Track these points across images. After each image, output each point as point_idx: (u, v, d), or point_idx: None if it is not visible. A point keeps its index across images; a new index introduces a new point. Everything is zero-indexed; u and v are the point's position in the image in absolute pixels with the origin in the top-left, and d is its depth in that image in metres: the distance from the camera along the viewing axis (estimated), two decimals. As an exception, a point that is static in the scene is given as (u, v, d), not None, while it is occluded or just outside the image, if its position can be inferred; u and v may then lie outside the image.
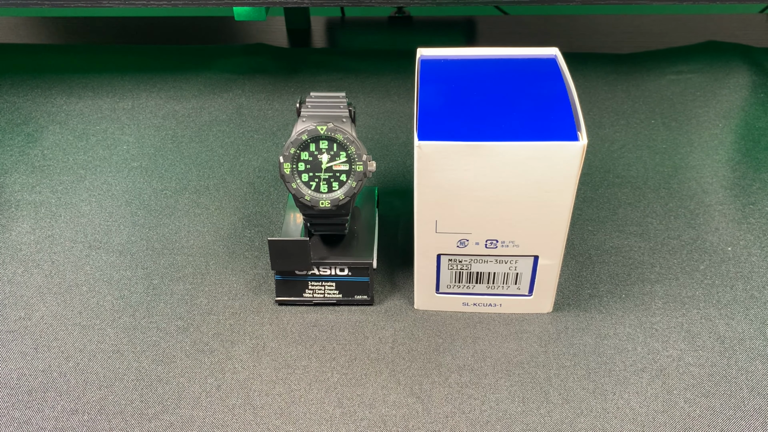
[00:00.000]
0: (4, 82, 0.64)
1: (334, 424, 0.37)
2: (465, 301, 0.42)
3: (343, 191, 0.39)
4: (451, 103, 0.37)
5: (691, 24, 0.75)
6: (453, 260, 0.40)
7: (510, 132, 0.35)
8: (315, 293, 0.42)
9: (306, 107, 0.39)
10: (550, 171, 0.35)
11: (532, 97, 0.37)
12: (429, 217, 0.38)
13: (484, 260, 0.40)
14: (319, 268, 0.42)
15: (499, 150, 0.35)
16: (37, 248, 0.47)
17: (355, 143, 0.38)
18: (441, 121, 0.36)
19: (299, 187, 0.39)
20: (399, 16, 0.79)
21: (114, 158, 0.55)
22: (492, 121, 0.36)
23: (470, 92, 0.38)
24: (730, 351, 0.40)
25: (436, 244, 0.39)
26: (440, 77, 0.39)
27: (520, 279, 0.41)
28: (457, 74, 0.39)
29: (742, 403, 0.37)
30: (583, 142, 0.34)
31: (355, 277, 0.42)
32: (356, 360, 0.40)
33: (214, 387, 0.39)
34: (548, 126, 0.35)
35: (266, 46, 0.69)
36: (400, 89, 0.63)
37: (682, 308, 0.42)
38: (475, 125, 0.35)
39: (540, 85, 0.38)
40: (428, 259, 0.40)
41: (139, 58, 0.68)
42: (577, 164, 0.35)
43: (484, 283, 0.41)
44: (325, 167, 0.39)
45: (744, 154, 0.54)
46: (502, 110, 0.36)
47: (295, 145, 0.38)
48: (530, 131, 0.35)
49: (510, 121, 0.35)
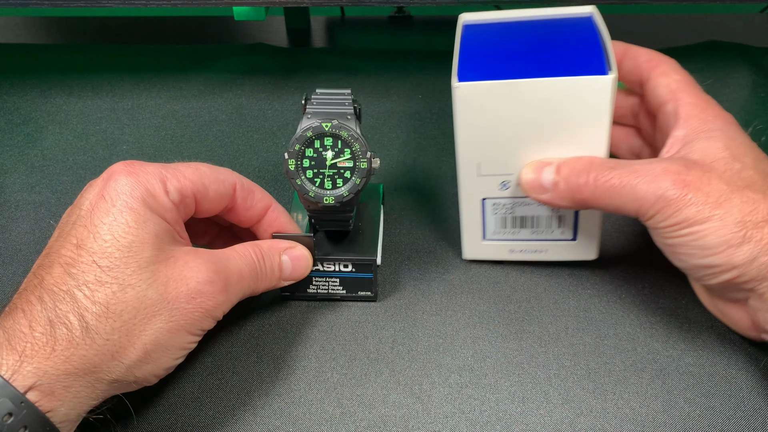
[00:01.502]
0: (4, 82, 0.64)
1: (334, 424, 0.37)
2: (512, 247, 0.44)
3: (347, 188, 0.39)
4: (488, 51, 0.39)
5: (691, 24, 0.75)
6: (497, 204, 0.42)
7: (542, 69, 0.37)
8: (319, 288, 0.43)
9: (311, 104, 0.39)
10: (583, 106, 0.37)
11: (565, 42, 0.39)
12: (471, 160, 0.40)
13: (526, 202, 0.41)
14: (323, 264, 0.42)
15: (532, 86, 0.37)
16: (37, 249, 0.47)
17: (359, 140, 0.38)
18: (477, 65, 0.38)
19: (303, 183, 0.39)
20: (399, 16, 0.79)
21: (114, 158, 0.55)
22: (526, 62, 0.38)
23: (506, 41, 0.40)
24: (729, 351, 0.40)
25: (479, 188, 0.41)
26: (479, 32, 0.41)
27: (563, 222, 0.42)
28: (495, 29, 0.41)
29: (742, 403, 0.37)
30: (612, 75, 0.36)
31: (359, 273, 0.42)
32: (356, 360, 0.40)
33: (215, 387, 0.39)
34: (579, 63, 0.37)
35: (266, 45, 0.69)
36: (400, 89, 0.63)
37: (681, 308, 0.42)
38: (509, 66, 0.38)
39: (573, 32, 0.40)
40: (473, 205, 0.42)
41: (139, 58, 0.68)
42: (609, 98, 0.37)
43: (528, 227, 0.43)
44: (329, 164, 0.39)
45: (744, 153, 0.54)
46: (536, 53, 0.38)
47: (299, 142, 0.38)
48: (562, 68, 0.37)
49: (543, 62, 0.38)
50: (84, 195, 0.35)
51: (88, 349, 0.31)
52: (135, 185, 0.35)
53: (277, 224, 0.41)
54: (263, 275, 0.39)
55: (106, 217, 0.34)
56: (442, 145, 0.56)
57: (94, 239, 0.33)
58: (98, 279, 0.32)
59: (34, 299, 0.32)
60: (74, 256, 0.33)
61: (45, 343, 0.30)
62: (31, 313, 0.31)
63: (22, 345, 0.30)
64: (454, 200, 0.51)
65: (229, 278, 0.36)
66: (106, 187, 0.35)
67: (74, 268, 0.32)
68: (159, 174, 0.36)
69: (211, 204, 0.38)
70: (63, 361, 0.31)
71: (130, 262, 0.33)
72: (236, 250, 0.38)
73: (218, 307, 0.36)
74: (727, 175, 0.35)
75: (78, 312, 0.31)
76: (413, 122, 0.59)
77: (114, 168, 0.36)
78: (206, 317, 0.35)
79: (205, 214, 0.39)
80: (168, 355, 0.35)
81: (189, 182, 0.37)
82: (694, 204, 0.34)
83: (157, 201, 0.35)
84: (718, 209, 0.34)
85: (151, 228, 0.34)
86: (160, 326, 0.33)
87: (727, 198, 0.34)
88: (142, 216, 0.34)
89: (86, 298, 0.32)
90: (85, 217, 0.34)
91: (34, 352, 0.30)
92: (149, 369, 0.34)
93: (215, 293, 0.35)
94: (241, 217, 0.40)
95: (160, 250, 0.34)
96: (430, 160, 0.55)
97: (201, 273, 0.35)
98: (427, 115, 0.60)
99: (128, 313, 0.32)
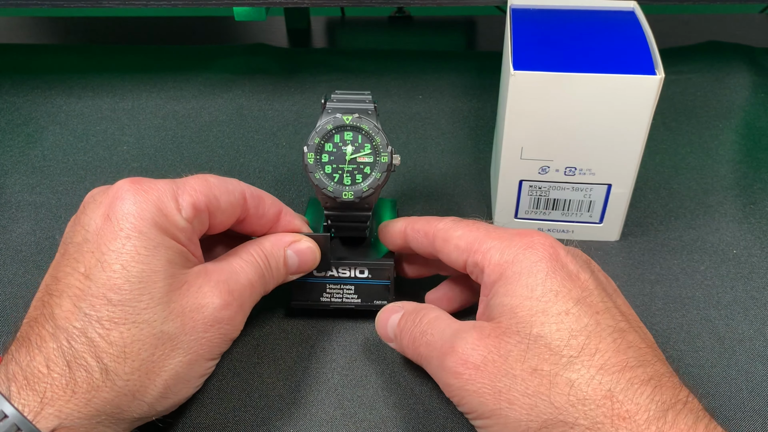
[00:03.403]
0: (4, 82, 0.64)
1: (335, 425, 0.37)
2: (540, 227, 0.46)
3: (368, 183, 0.38)
4: (540, 41, 0.41)
5: (691, 24, 0.75)
6: (533, 186, 0.44)
7: (594, 65, 0.39)
8: (333, 297, 0.41)
9: (331, 101, 0.39)
10: (628, 103, 0.39)
11: (614, 37, 0.41)
12: (516, 144, 0.42)
13: (561, 187, 0.44)
14: (338, 270, 0.41)
15: (584, 81, 0.39)
16: (37, 249, 0.47)
17: (380, 134, 0.38)
18: (532, 55, 0.40)
19: (322, 178, 0.38)
20: (399, 16, 0.79)
21: (114, 159, 0.55)
22: (578, 56, 0.40)
23: (556, 32, 0.42)
24: (730, 352, 0.40)
25: (519, 170, 0.43)
26: (528, 19, 0.44)
27: (592, 206, 0.45)
28: (543, 16, 0.44)
29: (743, 404, 0.37)
30: (660, 75, 0.38)
31: (375, 280, 0.41)
32: (357, 361, 0.40)
33: (215, 388, 0.39)
34: (629, 61, 0.39)
35: (266, 46, 0.69)
36: (400, 89, 0.63)
37: (682, 309, 0.42)
38: (563, 59, 0.40)
39: (620, 28, 0.42)
40: (511, 185, 0.44)
41: (139, 58, 0.68)
42: (653, 97, 0.39)
43: (560, 209, 0.45)
44: (349, 158, 0.38)
45: (744, 154, 0.54)
46: (587, 47, 0.41)
47: (319, 135, 0.38)
48: (613, 65, 0.39)
49: (595, 57, 0.40)
50: (88, 212, 0.33)
51: (109, 391, 0.30)
52: (144, 205, 0.33)
53: (291, 228, 0.40)
54: (270, 276, 0.37)
55: (113, 243, 0.32)
56: (443, 145, 0.56)
57: (102, 269, 0.31)
58: (111, 317, 0.31)
59: (47, 335, 0.31)
60: (83, 288, 0.31)
61: (65, 386, 0.30)
62: (46, 350, 0.30)
63: (42, 386, 0.29)
64: (455, 200, 0.51)
65: (242, 295, 0.35)
66: (113, 208, 0.33)
67: (83, 301, 0.31)
68: (170, 190, 0.34)
69: (224, 216, 0.36)
70: (85, 404, 0.30)
71: (142, 295, 0.31)
72: (240, 257, 0.37)
73: (236, 328, 0.35)
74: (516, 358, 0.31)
75: (95, 353, 0.30)
76: (413, 123, 0.59)
77: (120, 185, 0.33)
78: (225, 341, 0.35)
79: (218, 228, 0.37)
80: (189, 386, 0.34)
81: (201, 195, 0.35)
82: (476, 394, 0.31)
83: (169, 220, 0.33)
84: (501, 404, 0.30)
85: (162, 254, 0.32)
86: (180, 360, 0.32)
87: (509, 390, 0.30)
88: (153, 241, 0.32)
89: (101, 338, 0.31)
90: (92, 241, 0.32)
91: (55, 395, 0.29)
92: (170, 402, 0.33)
93: (232, 317, 0.34)
94: (255, 226, 0.39)
95: (173, 277, 0.33)
96: (430, 161, 0.55)
97: (216, 298, 0.34)
98: (427, 116, 0.60)
99: (146, 351, 0.31)
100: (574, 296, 0.31)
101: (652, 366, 0.30)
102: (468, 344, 0.32)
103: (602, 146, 0.41)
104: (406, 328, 0.36)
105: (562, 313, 0.31)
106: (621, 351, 0.30)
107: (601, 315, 0.31)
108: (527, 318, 0.31)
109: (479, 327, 0.32)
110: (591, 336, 0.30)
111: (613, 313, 0.32)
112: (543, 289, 0.31)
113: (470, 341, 0.32)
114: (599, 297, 0.32)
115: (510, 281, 0.32)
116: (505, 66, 0.42)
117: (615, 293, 0.34)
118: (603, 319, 0.31)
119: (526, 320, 0.31)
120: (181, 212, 0.34)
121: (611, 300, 0.33)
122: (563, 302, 0.31)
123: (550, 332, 0.30)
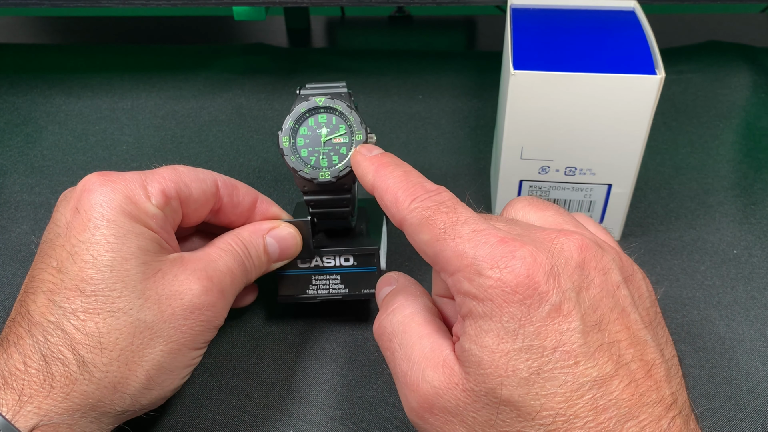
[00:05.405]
0: (4, 82, 0.64)
1: (335, 425, 0.37)
2: None
3: (344, 162, 0.37)
4: (540, 41, 0.41)
5: (691, 24, 0.75)
6: (534, 186, 0.44)
7: (595, 64, 0.39)
8: (320, 288, 0.41)
9: (305, 88, 0.38)
10: (630, 102, 0.39)
11: (614, 37, 0.41)
12: (516, 144, 0.42)
13: (562, 187, 0.44)
14: (322, 259, 0.40)
15: (585, 80, 0.39)
16: (36, 249, 0.47)
17: (354, 113, 0.37)
18: (532, 55, 0.40)
19: (297, 161, 0.38)
20: (399, 15, 0.79)
21: (113, 159, 0.55)
22: (579, 55, 0.40)
23: (556, 31, 0.42)
24: (730, 352, 0.40)
25: (519, 171, 0.43)
26: (528, 18, 0.44)
27: (593, 207, 0.45)
28: (543, 16, 0.44)
29: (743, 405, 0.37)
30: (660, 75, 0.38)
31: (361, 267, 0.40)
32: (356, 361, 0.40)
33: (215, 388, 0.38)
34: (629, 61, 0.39)
35: (266, 45, 0.69)
36: (400, 89, 0.63)
37: (682, 309, 0.42)
38: (563, 58, 0.40)
39: (620, 27, 0.42)
40: (511, 185, 0.44)
41: (138, 58, 0.68)
42: (654, 96, 0.39)
43: None
44: (324, 140, 0.38)
45: (745, 154, 0.54)
46: (587, 47, 0.41)
47: (293, 118, 0.37)
48: (613, 65, 0.39)
49: (595, 56, 0.40)
50: (59, 209, 0.34)
51: (88, 384, 0.30)
52: (112, 195, 0.32)
53: (269, 216, 0.39)
54: (252, 265, 0.37)
55: (82, 235, 0.31)
56: (443, 145, 0.56)
57: (73, 261, 0.31)
58: (85, 307, 0.30)
59: (23, 332, 0.30)
60: (56, 281, 0.31)
61: (42, 381, 0.29)
62: (23, 347, 0.30)
63: (20, 384, 0.29)
64: (454, 201, 0.51)
65: (222, 281, 0.34)
66: (81, 201, 0.32)
67: (57, 295, 0.31)
68: (138, 179, 0.34)
69: (197, 204, 0.36)
70: (64, 398, 0.29)
71: (115, 284, 0.31)
72: (217, 246, 0.36)
73: (218, 315, 0.35)
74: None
75: (71, 346, 0.30)
76: (413, 123, 0.59)
77: (88, 179, 0.33)
78: (208, 329, 0.34)
79: (193, 219, 0.37)
80: (173, 377, 0.33)
81: (171, 182, 0.34)
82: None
83: (138, 208, 0.33)
84: None
85: (133, 241, 0.32)
86: (160, 349, 0.32)
87: None
88: (122, 228, 0.32)
89: (77, 330, 0.30)
90: (63, 235, 0.32)
91: (33, 392, 0.29)
92: (155, 395, 0.33)
93: (213, 302, 0.34)
94: (231, 216, 0.38)
95: (147, 264, 0.32)
96: (430, 161, 0.55)
97: (194, 284, 0.33)
98: (427, 116, 0.59)
99: (124, 340, 0.31)
100: (550, 345, 0.26)
101: (638, 423, 0.26)
102: (433, 388, 0.28)
103: (602, 146, 0.41)
104: (379, 315, 0.32)
105: (533, 373, 0.26)
106: (599, 412, 0.26)
107: (582, 365, 0.26)
108: (494, 377, 0.26)
109: (449, 371, 0.28)
110: (567, 400, 0.26)
111: (599, 355, 0.26)
112: (512, 343, 0.26)
113: (437, 384, 0.28)
114: (581, 338, 0.26)
115: (478, 323, 0.27)
116: (505, 66, 0.42)
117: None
118: (583, 370, 0.26)
119: (494, 379, 0.26)
120: (151, 199, 0.33)
121: (606, 328, 0.27)
122: (535, 358, 0.26)
123: (520, 397, 0.26)
